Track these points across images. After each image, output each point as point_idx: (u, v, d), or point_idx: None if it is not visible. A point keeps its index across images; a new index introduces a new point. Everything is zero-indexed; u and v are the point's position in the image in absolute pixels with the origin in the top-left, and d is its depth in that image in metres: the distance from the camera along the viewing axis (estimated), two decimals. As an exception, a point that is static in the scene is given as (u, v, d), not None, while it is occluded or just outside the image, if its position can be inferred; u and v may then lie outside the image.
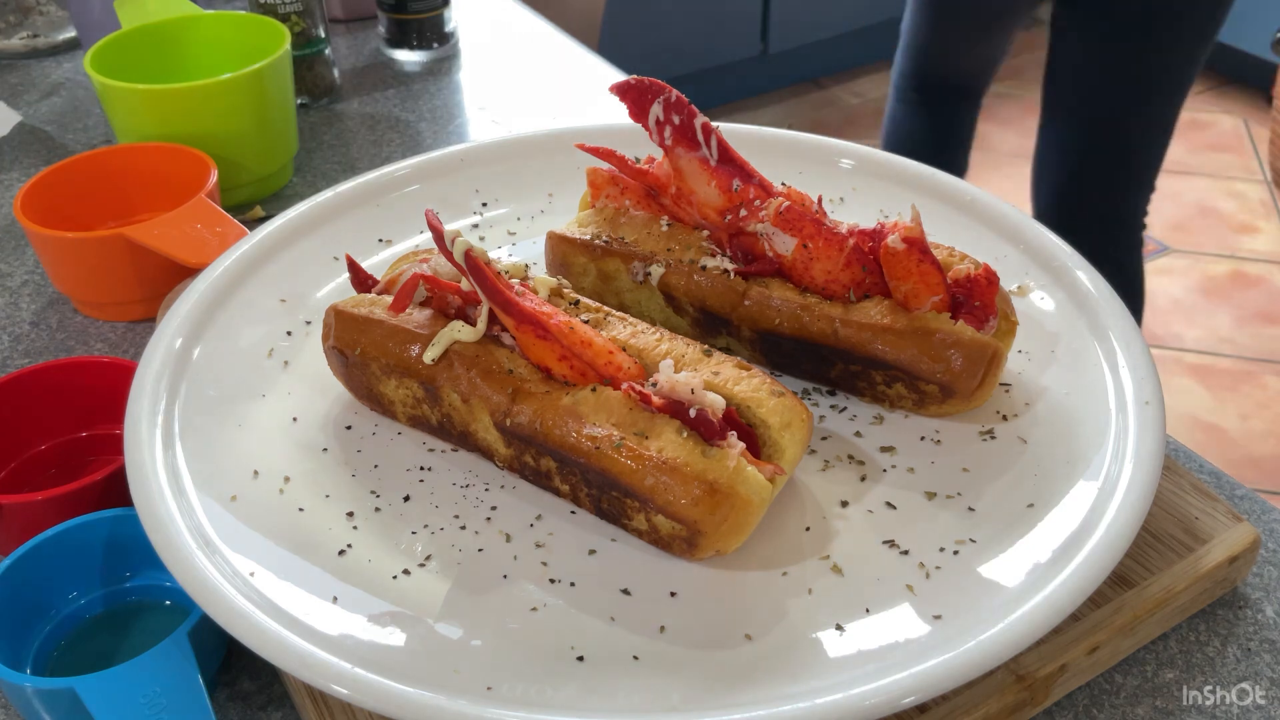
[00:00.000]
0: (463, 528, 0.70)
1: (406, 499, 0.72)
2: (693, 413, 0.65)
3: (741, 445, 0.65)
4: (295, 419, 0.78)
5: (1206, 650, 0.70)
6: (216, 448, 0.74)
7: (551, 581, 0.66)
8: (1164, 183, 2.68)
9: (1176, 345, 2.77)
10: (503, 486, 0.73)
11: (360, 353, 0.74)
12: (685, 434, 0.65)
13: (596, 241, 0.83)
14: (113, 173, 1.06)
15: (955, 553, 0.67)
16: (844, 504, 0.71)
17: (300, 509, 0.70)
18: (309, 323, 0.85)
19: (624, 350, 0.71)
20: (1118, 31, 1.72)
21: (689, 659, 0.61)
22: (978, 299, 0.74)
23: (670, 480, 0.63)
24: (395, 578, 0.66)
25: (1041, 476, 0.71)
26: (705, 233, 0.82)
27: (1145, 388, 0.73)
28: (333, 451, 0.75)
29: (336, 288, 0.89)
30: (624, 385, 0.68)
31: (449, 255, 0.69)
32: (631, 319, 0.74)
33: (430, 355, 0.72)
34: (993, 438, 0.75)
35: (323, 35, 1.31)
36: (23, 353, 0.98)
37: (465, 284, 0.73)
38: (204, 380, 0.78)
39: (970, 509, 0.70)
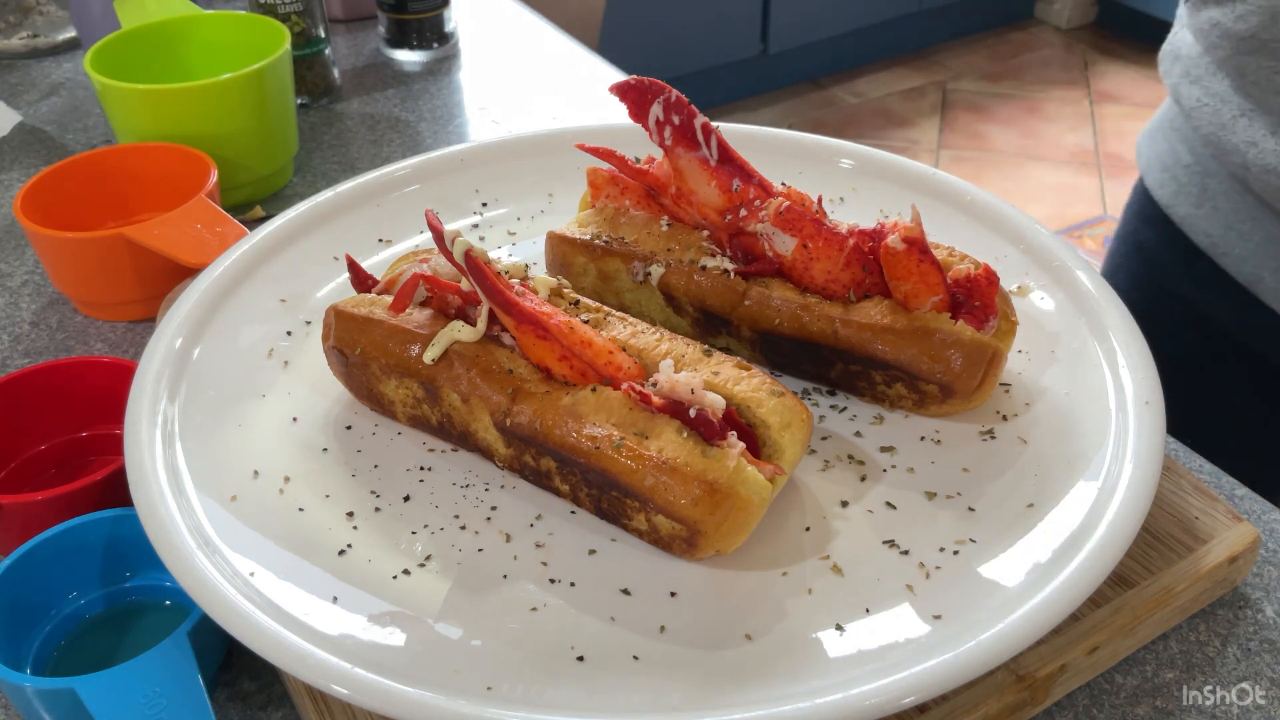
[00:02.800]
0: (463, 528, 0.70)
1: (406, 499, 0.72)
2: (693, 413, 0.65)
3: (741, 445, 0.65)
4: (295, 419, 0.78)
5: (1206, 650, 0.70)
6: (216, 448, 0.74)
7: (551, 581, 0.66)
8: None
9: (1176, 345, 2.77)
10: (503, 486, 0.73)
11: (360, 353, 0.74)
12: (685, 434, 0.65)
13: (596, 241, 0.83)
14: (113, 173, 1.06)
15: (955, 553, 0.67)
16: (844, 504, 0.71)
17: (300, 509, 0.70)
18: (309, 323, 0.85)
19: (624, 350, 0.71)
20: None
21: (689, 659, 0.61)
22: (978, 299, 0.74)
23: (670, 480, 0.63)
24: (395, 578, 0.66)
25: (1041, 476, 0.71)
26: (705, 233, 0.82)
27: (1145, 388, 0.73)
28: (333, 451, 0.75)
29: (336, 288, 0.89)
30: (624, 385, 0.68)
31: (449, 255, 0.69)
32: (631, 319, 0.74)
33: (430, 355, 0.72)
34: (993, 438, 0.75)
35: (323, 35, 1.31)
36: (23, 353, 0.98)
37: (465, 284, 0.73)
38: (204, 380, 0.78)
39: (970, 509, 0.70)
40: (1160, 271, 1.18)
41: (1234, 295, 1.10)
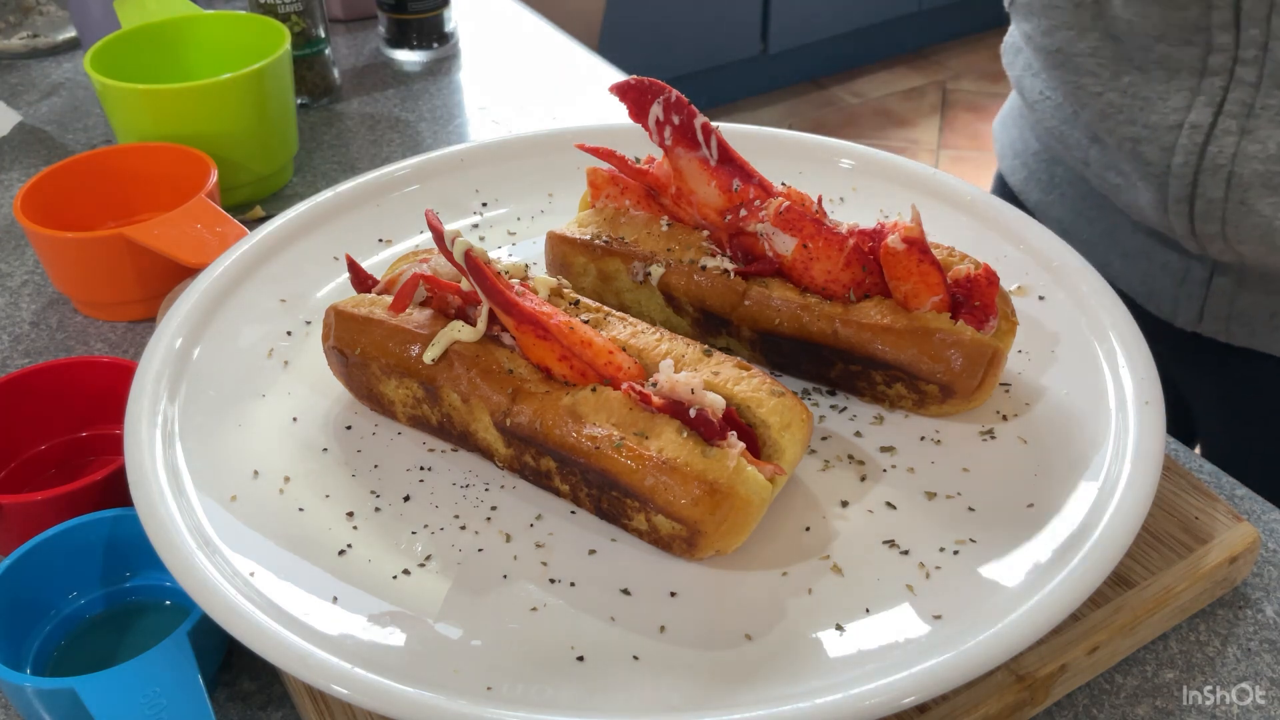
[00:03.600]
0: (463, 528, 0.70)
1: (406, 499, 0.72)
2: (693, 413, 0.65)
3: (741, 445, 0.65)
4: (295, 419, 0.78)
5: (1206, 650, 0.70)
6: (216, 448, 0.74)
7: (551, 581, 0.66)
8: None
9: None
10: (503, 486, 0.73)
11: (360, 353, 0.74)
12: (685, 434, 0.65)
13: (596, 241, 0.83)
14: (113, 173, 1.06)
15: (955, 553, 0.67)
16: (844, 504, 0.71)
17: (300, 509, 0.70)
18: (309, 323, 0.85)
19: (624, 350, 0.71)
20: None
21: (689, 659, 0.61)
22: (978, 299, 0.74)
23: (670, 480, 0.63)
24: (395, 578, 0.66)
25: (1041, 476, 0.71)
26: (705, 233, 0.82)
27: (1145, 388, 0.73)
28: (333, 451, 0.75)
29: (336, 288, 0.89)
30: (624, 385, 0.68)
31: (449, 255, 0.69)
32: (631, 319, 0.74)
33: (430, 355, 0.72)
34: (993, 438, 0.75)
35: (323, 35, 1.31)
36: (23, 353, 0.98)
37: (465, 284, 0.73)
38: (204, 380, 0.78)
39: (970, 509, 0.70)
40: None
41: None
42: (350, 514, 0.70)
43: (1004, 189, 1.22)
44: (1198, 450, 1.22)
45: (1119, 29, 0.91)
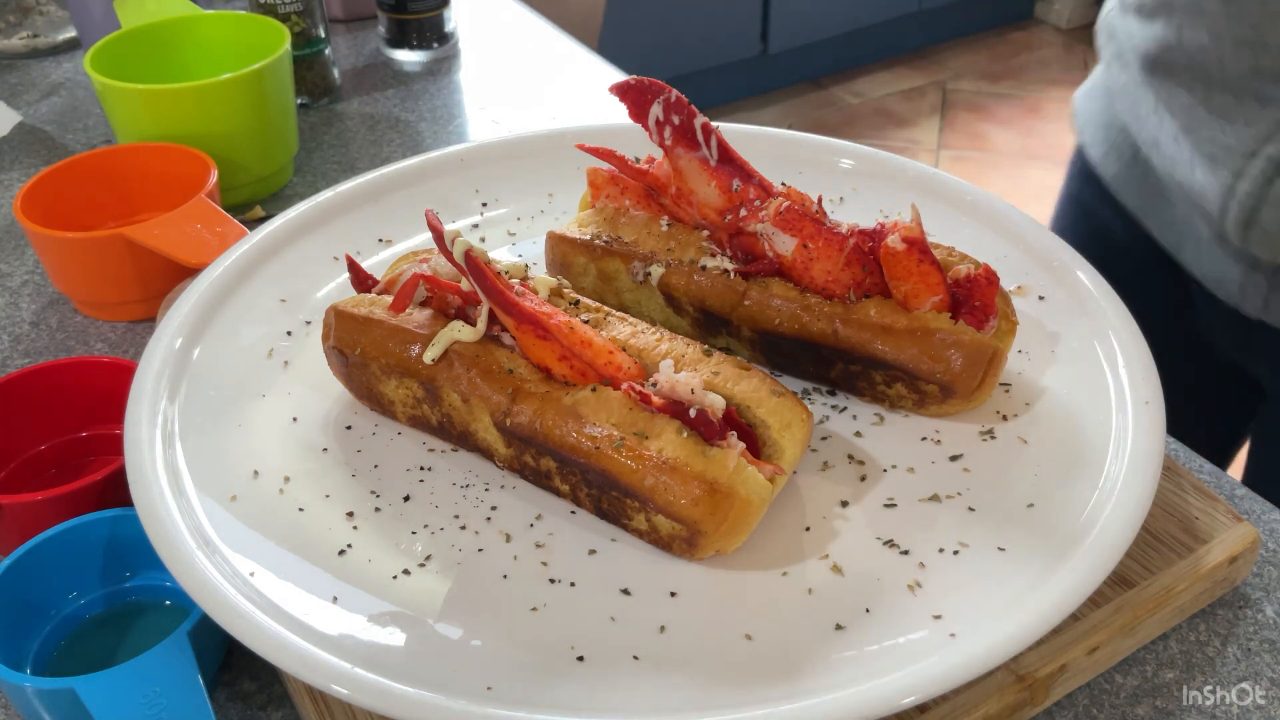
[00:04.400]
0: (463, 528, 0.70)
1: (406, 499, 0.72)
2: (693, 413, 0.65)
3: (741, 445, 0.65)
4: (295, 419, 0.78)
5: (1206, 650, 0.70)
6: (216, 448, 0.74)
7: (551, 581, 0.66)
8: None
9: (1176, 345, 2.76)
10: (503, 486, 0.73)
11: (360, 353, 0.74)
12: (685, 434, 0.65)
13: (596, 241, 0.83)
14: (113, 173, 1.06)
15: (955, 553, 0.67)
16: (844, 504, 0.71)
17: (300, 509, 0.70)
18: (309, 323, 0.85)
19: (624, 350, 0.71)
20: None
21: (689, 659, 0.61)
22: (978, 299, 0.74)
23: (670, 480, 0.63)
24: (395, 578, 0.66)
25: (1041, 476, 0.71)
26: (705, 233, 0.82)
27: (1145, 388, 0.73)
28: (333, 451, 0.75)
29: (336, 288, 0.89)
30: (624, 385, 0.68)
31: (449, 255, 0.69)
32: (631, 319, 0.74)
33: (430, 355, 0.72)
34: (993, 438, 0.75)
35: (323, 35, 1.31)
36: (23, 353, 0.98)
37: (465, 284, 0.73)
38: (204, 380, 0.78)
39: (970, 509, 0.70)
40: (1104, 234, 1.21)
41: (1159, 258, 1.11)
42: (350, 514, 0.71)
43: (1081, 162, 1.22)
44: (1245, 447, 1.23)
45: (1211, 65, 0.92)
